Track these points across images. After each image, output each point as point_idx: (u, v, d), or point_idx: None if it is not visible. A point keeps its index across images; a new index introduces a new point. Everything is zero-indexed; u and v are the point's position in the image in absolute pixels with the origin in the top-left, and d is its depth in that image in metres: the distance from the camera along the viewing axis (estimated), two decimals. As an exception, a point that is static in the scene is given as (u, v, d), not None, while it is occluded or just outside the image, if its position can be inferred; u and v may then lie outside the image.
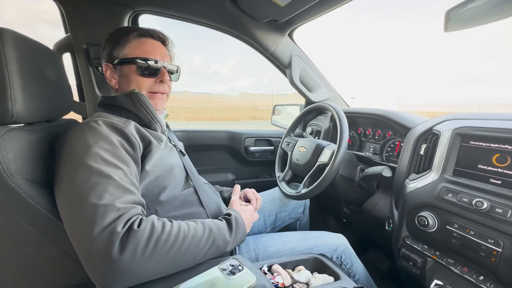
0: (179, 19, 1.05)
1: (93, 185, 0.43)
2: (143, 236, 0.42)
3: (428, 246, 0.66)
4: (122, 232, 0.41)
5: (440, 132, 0.67)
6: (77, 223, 0.42)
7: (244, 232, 0.60)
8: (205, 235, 0.51)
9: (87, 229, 0.40)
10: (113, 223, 0.41)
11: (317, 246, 0.76)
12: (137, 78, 0.63)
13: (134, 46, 0.63)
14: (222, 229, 0.55)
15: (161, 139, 0.64)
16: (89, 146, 0.47)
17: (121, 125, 0.54)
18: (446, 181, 0.63)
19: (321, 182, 0.81)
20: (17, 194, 0.44)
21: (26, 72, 0.50)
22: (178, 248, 0.45)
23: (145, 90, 0.65)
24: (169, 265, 0.45)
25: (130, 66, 0.63)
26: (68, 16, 0.89)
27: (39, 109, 0.54)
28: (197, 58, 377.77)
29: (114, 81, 0.66)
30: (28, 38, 0.53)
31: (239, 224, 0.59)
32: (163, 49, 0.68)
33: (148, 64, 0.63)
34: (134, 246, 0.41)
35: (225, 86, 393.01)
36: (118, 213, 0.42)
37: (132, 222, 0.43)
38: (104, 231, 0.40)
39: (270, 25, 1.08)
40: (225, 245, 0.54)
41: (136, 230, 0.42)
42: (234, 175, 1.40)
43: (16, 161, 0.46)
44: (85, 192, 0.43)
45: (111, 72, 0.65)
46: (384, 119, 0.98)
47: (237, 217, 0.60)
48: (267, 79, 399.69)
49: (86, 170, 0.45)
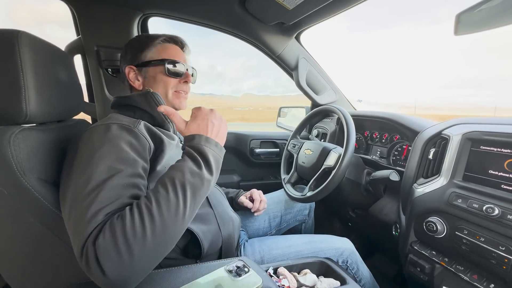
0: (187, 21, 1.06)
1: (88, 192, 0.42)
2: (109, 243, 0.37)
3: (437, 252, 0.65)
4: (94, 250, 0.37)
5: (449, 137, 0.66)
6: (69, 229, 0.42)
7: (219, 148, 0.51)
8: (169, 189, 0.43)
9: (75, 245, 0.39)
10: (89, 238, 0.38)
11: (323, 250, 0.76)
12: (164, 78, 0.67)
13: (160, 50, 0.68)
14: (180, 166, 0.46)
15: (173, 138, 0.65)
16: (95, 149, 0.47)
17: (130, 125, 0.54)
18: (456, 186, 0.62)
19: (327, 185, 0.81)
20: (29, 192, 0.45)
21: (40, 73, 0.51)
22: (152, 229, 0.39)
23: (171, 89, 0.68)
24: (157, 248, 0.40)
25: (156, 68, 0.67)
26: (80, 19, 0.92)
27: (51, 109, 0.55)
28: (203, 59, 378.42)
29: (138, 82, 0.68)
30: (42, 40, 0.54)
31: (207, 142, 0.49)
32: (183, 54, 0.73)
33: (175, 66, 0.68)
34: (107, 258, 0.37)
35: (230, 87, 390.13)
36: (96, 225, 0.39)
37: (96, 235, 0.38)
38: (84, 249, 0.38)
39: (278, 28, 1.08)
40: (200, 179, 0.45)
41: (99, 243, 0.37)
42: (240, 177, 1.40)
43: (29, 160, 0.47)
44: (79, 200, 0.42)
45: (134, 74, 0.68)
46: (392, 123, 0.97)
47: (199, 147, 0.48)
48: (272, 81, 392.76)
49: (85, 177, 0.43)
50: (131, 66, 0.68)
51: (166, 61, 0.67)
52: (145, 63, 0.67)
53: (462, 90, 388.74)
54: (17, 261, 0.51)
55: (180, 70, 0.69)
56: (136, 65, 0.68)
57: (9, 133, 0.46)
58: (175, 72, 0.68)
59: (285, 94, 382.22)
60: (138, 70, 0.68)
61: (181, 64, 0.69)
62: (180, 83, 0.70)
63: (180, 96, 0.71)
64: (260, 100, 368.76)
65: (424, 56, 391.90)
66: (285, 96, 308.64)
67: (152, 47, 0.68)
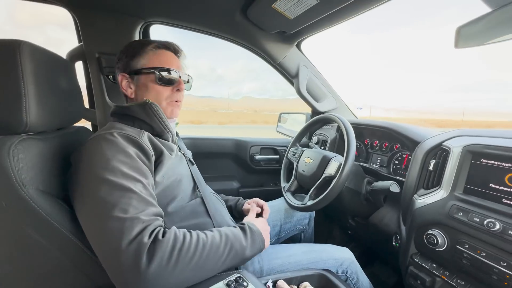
0: (189, 29, 1.07)
1: (117, 199, 0.45)
2: (168, 246, 0.44)
3: (437, 265, 0.64)
4: (149, 243, 0.43)
5: (450, 148, 0.66)
6: (104, 237, 0.43)
7: (262, 240, 0.61)
8: (222, 241, 0.52)
9: (115, 243, 0.42)
10: (139, 235, 0.43)
11: (322, 260, 0.75)
12: (156, 87, 0.66)
13: (152, 57, 0.66)
14: (237, 235, 0.56)
15: (172, 148, 0.65)
16: (108, 160, 0.48)
17: (136, 137, 0.55)
18: (456, 199, 0.61)
19: (328, 194, 0.80)
20: (28, 204, 0.45)
21: (41, 82, 0.51)
22: (200, 255, 0.47)
23: (164, 99, 0.67)
24: (192, 273, 0.47)
25: (148, 76, 0.65)
26: (82, 26, 0.92)
27: (52, 117, 0.55)
28: (203, 62, 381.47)
29: (130, 90, 0.67)
30: (43, 49, 0.54)
31: (254, 231, 0.60)
32: (177, 60, 0.71)
33: (167, 74, 0.66)
34: (161, 255, 0.43)
35: (230, 90, 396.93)
36: (143, 225, 0.44)
37: (156, 233, 0.45)
38: (132, 244, 0.42)
39: (279, 36, 1.09)
40: (242, 250, 0.55)
41: (161, 240, 0.44)
42: (239, 183, 1.40)
43: (28, 171, 0.46)
44: (109, 206, 0.44)
45: (127, 82, 0.67)
46: (392, 132, 0.97)
47: (250, 225, 0.62)
48: (272, 84, 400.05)
49: (107, 184, 0.46)
50: (123, 74, 0.66)
51: (158, 69, 0.65)
52: (137, 71, 0.65)
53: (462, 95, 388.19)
54: (16, 273, 0.50)
55: (173, 77, 0.66)
56: (129, 73, 0.66)
57: (9, 143, 0.46)
58: (167, 80, 0.66)
59: (284, 98, 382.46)
60: (131, 78, 0.66)
61: (174, 71, 0.66)
62: (173, 91, 0.68)
63: (173, 105, 0.69)
64: (259, 103, 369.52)
65: (426, 60, 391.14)
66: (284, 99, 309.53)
67: (144, 54, 0.66)
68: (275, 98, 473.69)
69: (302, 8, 0.82)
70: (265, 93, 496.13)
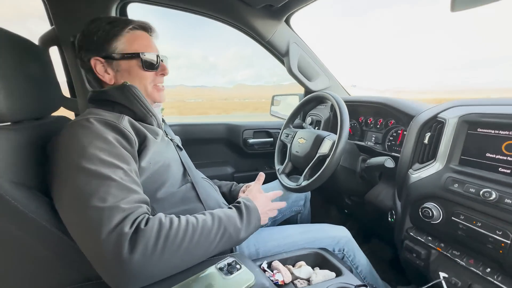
0: (170, 7, 1.00)
1: (95, 188, 0.42)
2: (151, 234, 0.42)
3: (433, 238, 0.64)
4: (130, 232, 0.41)
5: (445, 120, 0.64)
6: (84, 228, 0.42)
7: (257, 218, 0.59)
8: (215, 225, 0.50)
9: (94, 233, 0.40)
10: (120, 225, 0.41)
11: (319, 239, 0.75)
12: (140, 72, 0.62)
13: (131, 40, 0.61)
14: (231, 217, 0.54)
15: (157, 133, 0.62)
16: (84, 147, 0.45)
17: (114, 121, 0.52)
18: (452, 171, 0.60)
19: (322, 174, 0.79)
20: (2, 198, 0.42)
21: (7, 68, 0.47)
22: (189, 241, 0.46)
23: (148, 83, 0.64)
24: (181, 259, 0.45)
25: (130, 61, 0.61)
26: (52, 7, 0.85)
27: (25, 106, 0.52)
28: (196, 51, 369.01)
29: (108, 76, 0.61)
30: (9, 32, 0.50)
31: (251, 210, 0.58)
32: (153, 41, 0.67)
33: (150, 59, 0.63)
34: (143, 245, 0.41)
35: (223, 79, 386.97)
36: (123, 214, 0.42)
37: (139, 222, 0.43)
38: (112, 234, 0.40)
39: (266, 11, 1.02)
40: (237, 232, 0.53)
41: (143, 229, 0.42)
42: (233, 169, 1.38)
43: (1, 162, 0.43)
44: (87, 196, 0.42)
45: (102, 66, 0.61)
46: (386, 107, 0.95)
47: (248, 203, 0.60)
48: (266, 70, 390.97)
49: (85, 173, 0.43)
50: (97, 58, 0.60)
51: (141, 54, 0.61)
52: (116, 56, 0.60)
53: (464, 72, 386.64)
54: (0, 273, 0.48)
55: (156, 61, 0.64)
56: (104, 57, 0.60)
57: None
58: (151, 65, 0.63)
59: (278, 84, 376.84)
60: (107, 62, 0.61)
61: (156, 55, 0.63)
62: (157, 75, 0.65)
63: (159, 89, 0.67)
64: (253, 90, 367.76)
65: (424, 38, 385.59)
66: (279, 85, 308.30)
67: (121, 37, 0.60)
68: (269, 84, 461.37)
69: (289, -23, 0.76)
70: (260, 79, 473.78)
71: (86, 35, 0.61)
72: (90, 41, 0.60)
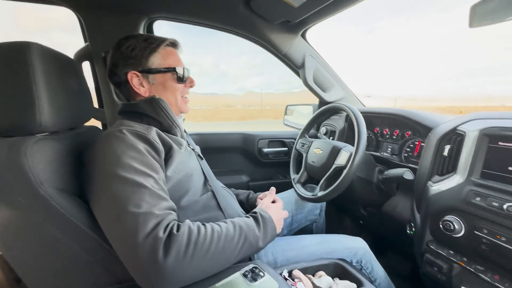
0: (192, 23, 1.06)
1: (130, 194, 0.46)
2: (183, 239, 0.45)
3: (454, 252, 0.63)
4: (164, 237, 0.43)
5: (465, 133, 0.65)
6: (120, 233, 0.45)
7: (273, 227, 0.61)
8: (236, 232, 0.53)
9: (131, 238, 0.43)
10: (154, 230, 0.44)
11: (336, 250, 0.75)
12: (173, 85, 0.68)
13: (165, 56, 0.67)
14: (250, 225, 0.57)
15: (181, 143, 0.65)
16: (119, 156, 0.49)
17: (144, 132, 0.56)
18: (473, 184, 0.60)
19: (339, 185, 0.80)
20: (47, 202, 0.46)
21: (51, 83, 0.51)
22: (215, 247, 0.48)
23: (179, 95, 0.70)
24: (208, 265, 0.48)
25: (165, 75, 0.67)
26: (87, 26, 0.92)
27: (63, 118, 0.56)
28: (206, 59, 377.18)
29: (143, 89, 0.66)
30: (51, 50, 0.54)
31: (266, 220, 0.61)
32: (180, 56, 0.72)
33: (182, 72, 0.69)
34: (176, 249, 0.43)
35: (234, 86, 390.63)
36: (157, 220, 0.45)
37: (171, 227, 0.46)
38: (148, 238, 0.43)
39: (283, 26, 1.07)
40: (256, 240, 0.55)
41: (176, 234, 0.45)
42: (248, 177, 1.40)
43: (45, 170, 0.47)
44: (123, 202, 0.45)
45: (138, 80, 0.66)
46: (403, 119, 0.95)
47: (263, 213, 0.62)
48: (276, 78, 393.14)
49: (120, 180, 0.47)
50: (134, 72, 0.65)
51: (176, 69, 0.67)
52: (152, 70, 0.66)
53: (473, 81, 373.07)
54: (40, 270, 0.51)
55: (186, 74, 0.70)
56: (141, 71, 0.65)
57: (25, 144, 0.47)
58: (182, 78, 0.69)
59: (289, 91, 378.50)
60: (144, 76, 0.66)
61: (186, 69, 0.70)
62: (186, 87, 0.71)
63: (186, 101, 0.73)
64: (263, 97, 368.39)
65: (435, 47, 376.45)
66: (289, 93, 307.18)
67: (156, 53, 0.66)
68: (279, 92, 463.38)
69: (307, -5, 0.80)
70: (270, 87, 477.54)
71: (123, 51, 0.65)
72: (127, 56, 0.65)
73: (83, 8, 0.91)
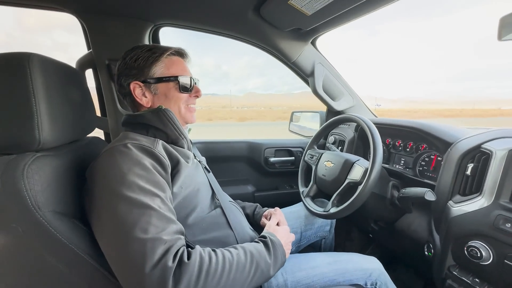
0: (199, 30, 1.03)
1: (136, 217, 0.43)
2: (194, 268, 0.42)
3: (480, 280, 0.59)
4: (174, 266, 0.40)
5: (492, 152, 0.60)
6: (125, 262, 0.41)
7: (283, 253, 0.58)
8: (248, 260, 0.50)
9: (137, 267, 0.40)
10: (163, 258, 0.40)
11: (349, 271, 0.71)
12: (176, 94, 0.65)
13: (168, 65, 0.65)
14: (261, 252, 0.54)
15: (188, 156, 0.63)
16: (124, 174, 0.46)
17: (150, 146, 0.53)
18: (502, 208, 0.56)
19: (354, 202, 0.76)
20: (45, 228, 0.42)
21: (52, 95, 0.49)
22: (227, 277, 0.45)
23: (182, 104, 0.66)
24: None
25: (168, 84, 0.64)
26: (91, 33, 0.89)
27: (65, 132, 0.53)
28: (208, 59, 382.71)
29: (145, 99, 0.64)
30: (52, 60, 0.52)
31: (276, 245, 0.58)
32: (187, 65, 0.70)
33: (186, 81, 0.66)
34: (187, 279, 0.41)
35: (235, 87, 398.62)
36: (166, 246, 0.42)
37: (181, 255, 0.43)
38: (156, 268, 0.39)
39: (293, 34, 1.03)
40: (267, 268, 0.53)
41: (187, 263, 0.42)
42: (254, 187, 1.36)
43: (44, 193, 0.44)
44: (129, 226, 0.42)
45: (141, 90, 0.64)
46: (418, 132, 0.91)
47: (272, 238, 0.59)
48: (277, 79, 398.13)
49: (125, 201, 0.44)
50: (137, 82, 0.63)
51: (179, 77, 0.64)
52: (154, 80, 0.64)
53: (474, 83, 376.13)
54: None
55: (190, 84, 0.67)
56: (143, 81, 0.63)
57: (22, 164, 0.43)
58: (186, 87, 0.66)
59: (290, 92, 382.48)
60: (146, 86, 0.64)
61: (191, 78, 0.67)
62: (191, 97, 0.68)
63: (191, 110, 0.69)
64: (263, 99, 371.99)
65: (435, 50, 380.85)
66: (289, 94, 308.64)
67: (159, 62, 0.64)
68: (280, 93, 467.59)
69: (321, 4, 0.76)
70: (271, 88, 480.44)
71: (127, 62, 0.64)
72: (131, 67, 0.63)
73: (86, 14, 0.88)
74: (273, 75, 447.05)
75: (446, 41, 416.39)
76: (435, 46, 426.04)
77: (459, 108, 69.46)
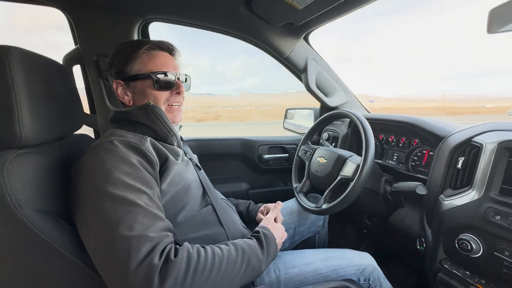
0: (190, 26, 1.01)
1: (121, 215, 0.41)
2: (181, 266, 0.41)
3: (471, 273, 0.59)
4: (160, 264, 0.39)
5: (482, 145, 0.61)
6: (110, 258, 0.40)
7: (275, 248, 0.58)
8: (239, 257, 0.49)
9: (122, 265, 0.38)
10: (149, 256, 0.39)
11: (342, 267, 0.71)
12: (154, 92, 0.61)
13: (146, 61, 0.61)
14: (254, 248, 0.53)
15: (177, 153, 0.62)
16: (109, 171, 0.45)
17: (138, 143, 0.52)
18: (492, 200, 0.56)
19: (345, 198, 0.75)
20: (26, 227, 0.41)
21: (34, 91, 0.47)
22: (216, 273, 0.44)
23: (163, 103, 0.63)
24: None
25: (144, 81, 0.61)
26: (77, 28, 0.87)
27: (49, 128, 0.51)
28: (203, 58, 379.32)
29: (127, 98, 0.63)
30: (35, 54, 0.50)
31: (269, 240, 0.58)
32: (173, 60, 0.66)
33: (163, 77, 0.61)
34: (174, 277, 0.39)
35: (231, 87, 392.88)
36: (152, 244, 0.41)
37: (167, 252, 0.41)
38: (141, 266, 0.38)
39: (285, 29, 1.02)
40: (259, 264, 0.52)
41: (173, 261, 0.41)
42: (248, 185, 1.36)
43: (25, 190, 0.42)
44: (114, 224, 0.40)
45: (122, 89, 0.62)
46: (410, 127, 0.91)
47: (267, 233, 0.59)
48: (273, 79, 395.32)
49: (110, 199, 0.42)
50: (117, 80, 0.61)
51: (154, 73, 0.60)
52: (132, 77, 0.60)
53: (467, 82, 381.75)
54: None
55: (170, 80, 0.62)
56: (123, 79, 0.61)
57: (2, 161, 0.42)
58: (164, 84, 0.61)
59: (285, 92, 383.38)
60: (126, 84, 0.62)
61: (171, 73, 0.62)
62: (172, 95, 0.64)
63: (173, 110, 0.65)
64: (258, 98, 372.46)
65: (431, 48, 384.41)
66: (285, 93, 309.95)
67: (137, 58, 0.60)
68: (275, 92, 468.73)
69: (312, -3, 0.75)
70: (267, 88, 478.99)
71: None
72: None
73: (72, 8, 0.85)
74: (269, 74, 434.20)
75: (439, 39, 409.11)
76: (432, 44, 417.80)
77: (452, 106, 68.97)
